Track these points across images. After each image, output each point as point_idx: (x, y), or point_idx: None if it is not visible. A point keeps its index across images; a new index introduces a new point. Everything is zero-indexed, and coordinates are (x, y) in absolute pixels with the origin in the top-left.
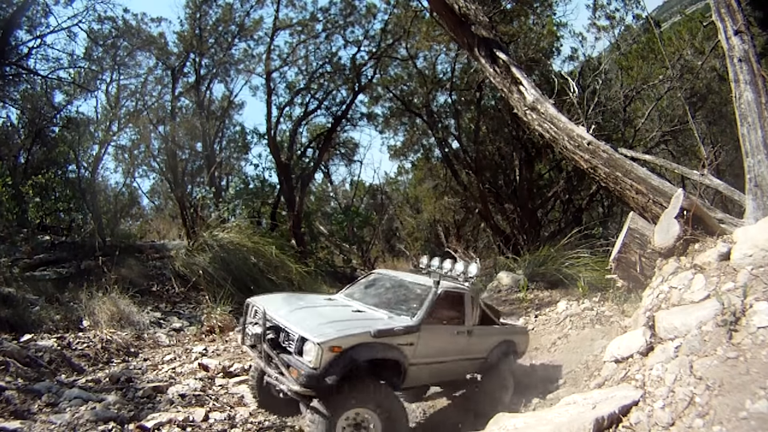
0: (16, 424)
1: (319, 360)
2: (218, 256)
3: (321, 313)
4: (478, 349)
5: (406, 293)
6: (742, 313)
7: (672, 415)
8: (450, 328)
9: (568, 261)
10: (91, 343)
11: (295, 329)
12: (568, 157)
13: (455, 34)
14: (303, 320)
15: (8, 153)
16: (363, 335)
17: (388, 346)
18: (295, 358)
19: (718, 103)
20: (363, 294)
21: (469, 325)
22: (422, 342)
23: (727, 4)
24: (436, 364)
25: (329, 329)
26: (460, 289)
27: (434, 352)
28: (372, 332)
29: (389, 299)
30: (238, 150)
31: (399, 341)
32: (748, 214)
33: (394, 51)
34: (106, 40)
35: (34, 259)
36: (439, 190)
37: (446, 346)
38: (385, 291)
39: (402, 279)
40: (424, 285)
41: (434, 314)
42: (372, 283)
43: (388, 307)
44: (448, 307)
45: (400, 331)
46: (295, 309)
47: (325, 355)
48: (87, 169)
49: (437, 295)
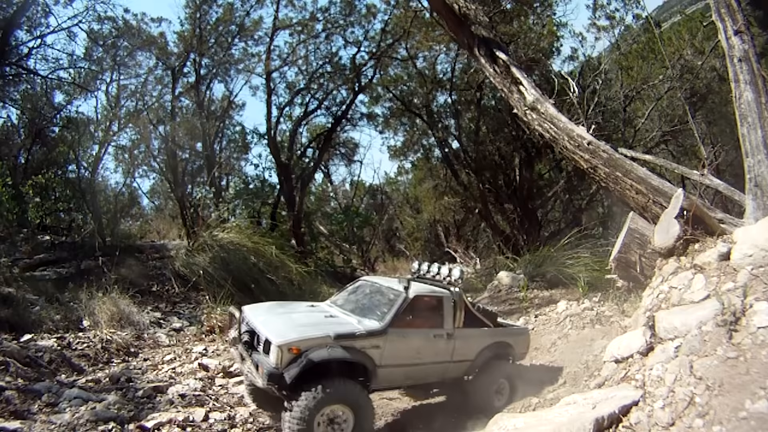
0: (16, 424)
1: (279, 359)
2: (218, 256)
3: (292, 319)
4: (463, 351)
5: (380, 298)
6: (742, 313)
7: (672, 415)
8: (425, 332)
9: (568, 261)
10: (91, 343)
11: (263, 332)
12: (568, 157)
13: (455, 34)
14: (273, 324)
15: (8, 153)
16: (322, 338)
17: (350, 349)
18: (264, 357)
19: (718, 103)
20: (345, 300)
21: (448, 328)
22: (390, 345)
23: (727, 4)
24: (410, 366)
25: (292, 333)
26: (438, 293)
27: (406, 355)
28: (332, 335)
29: (364, 305)
30: (238, 150)
31: (362, 344)
32: (748, 214)
33: (394, 51)
34: (106, 41)
35: (34, 259)
36: (439, 190)
37: (421, 349)
38: (363, 297)
39: (380, 285)
40: (398, 290)
41: (406, 318)
42: (355, 290)
43: (361, 313)
44: (424, 311)
45: (361, 335)
46: (272, 315)
47: (285, 356)
48: (87, 169)
49: (406, 300)
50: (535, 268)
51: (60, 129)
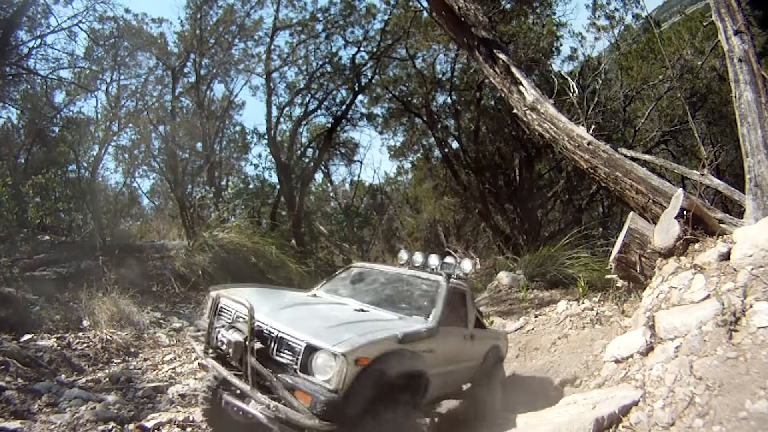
0: (16, 424)
1: (342, 378)
2: (218, 256)
3: (321, 313)
4: (476, 355)
5: (409, 289)
6: (742, 313)
7: (672, 415)
8: (460, 331)
9: (568, 261)
10: (91, 343)
11: (298, 335)
12: (568, 157)
13: (455, 34)
14: (301, 321)
15: (8, 153)
16: (389, 341)
17: (415, 355)
18: (302, 376)
19: (718, 103)
20: (352, 290)
21: (470, 327)
22: (440, 347)
23: (727, 4)
24: (447, 373)
25: (348, 334)
26: (462, 287)
27: (448, 360)
28: (399, 336)
29: (390, 296)
30: (238, 150)
31: (422, 347)
32: (748, 214)
33: (394, 51)
34: (107, 41)
35: (34, 259)
36: (439, 190)
37: (457, 351)
38: (381, 287)
39: (398, 273)
40: (430, 280)
41: (447, 314)
42: (359, 278)
43: (392, 307)
44: (455, 307)
45: (424, 335)
46: (281, 306)
47: (350, 371)
48: (87, 169)
49: (450, 292)
50: (535, 268)
51: (60, 129)
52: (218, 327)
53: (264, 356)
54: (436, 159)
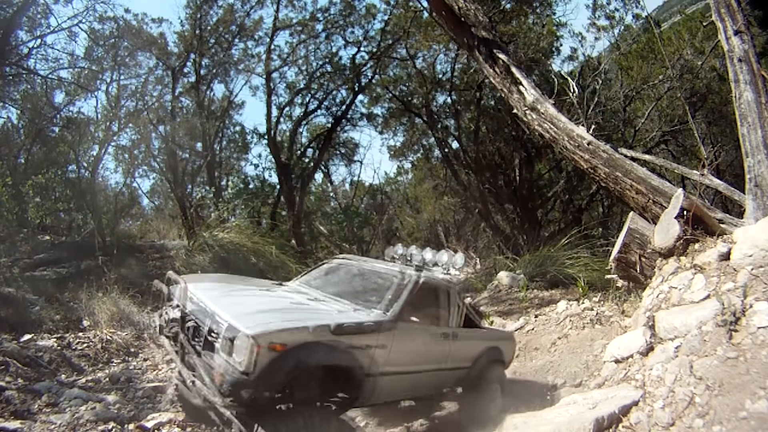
0: (16, 424)
1: (252, 361)
2: (218, 256)
3: (263, 299)
4: (463, 356)
5: (378, 281)
6: (742, 313)
7: (672, 415)
8: (432, 330)
9: (568, 261)
10: (91, 343)
11: (223, 315)
12: (568, 157)
13: (455, 34)
14: (236, 304)
15: (8, 153)
16: (318, 330)
17: (353, 349)
18: (222, 356)
19: (718, 103)
20: (323, 282)
21: (453, 326)
22: (397, 344)
23: (727, 4)
24: (413, 374)
25: (270, 319)
26: (444, 283)
27: (412, 358)
28: (331, 327)
29: (355, 288)
30: (238, 150)
31: (368, 342)
32: (748, 214)
33: (394, 51)
34: (107, 41)
35: (34, 259)
36: (439, 190)
37: (426, 350)
38: (351, 278)
39: (373, 265)
40: (402, 273)
41: (413, 309)
42: (335, 269)
43: (354, 298)
44: (430, 303)
45: (369, 328)
46: (231, 291)
47: (263, 354)
48: (87, 169)
49: (418, 285)
50: (535, 268)
51: (60, 129)
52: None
53: (197, 335)
54: (436, 159)
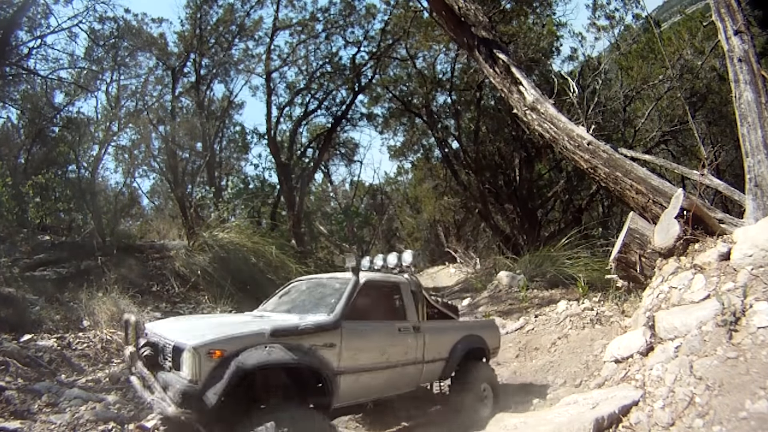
0: (16, 424)
1: (196, 370)
2: (218, 256)
3: (209, 321)
4: (435, 348)
5: (323, 291)
6: (742, 313)
7: (672, 415)
8: (388, 325)
9: (568, 261)
10: (91, 343)
11: (170, 337)
12: (568, 157)
13: (455, 34)
14: (181, 328)
15: (8, 153)
16: (254, 335)
17: (295, 349)
18: (174, 374)
19: (718, 103)
20: (276, 304)
21: (413, 320)
22: (348, 342)
23: (727, 4)
24: (378, 370)
25: (209, 332)
26: (393, 280)
27: (371, 355)
28: (268, 331)
29: (304, 301)
30: (238, 150)
31: (313, 342)
32: (748, 214)
33: (394, 51)
34: (107, 41)
35: (34, 259)
36: (439, 190)
37: (387, 345)
38: (299, 294)
39: (319, 278)
40: (344, 278)
41: (361, 309)
42: (287, 291)
43: (302, 310)
44: (382, 301)
45: (308, 329)
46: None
47: (204, 363)
48: (87, 169)
49: (357, 285)
50: (535, 268)
51: (60, 129)
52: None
53: (154, 362)
54: (436, 159)
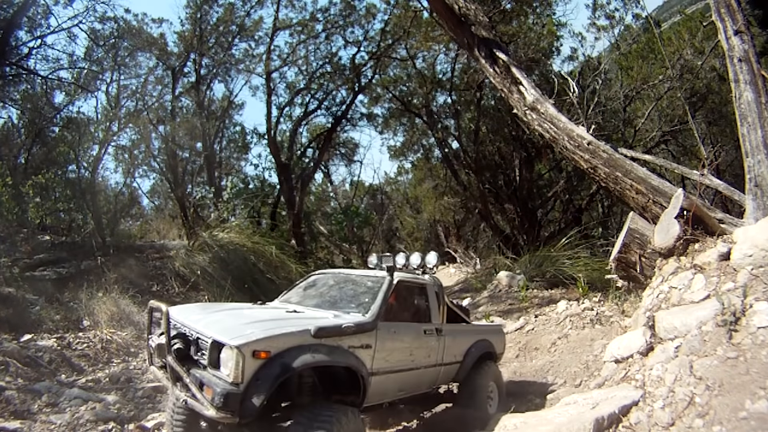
0: (16, 424)
1: (239, 371)
2: (218, 256)
3: (244, 314)
4: (452, 351)
5: (354, 288)
6: (742, 313)
7: (672, 415)
8: (415, 326)
9: (568, 261)
10: (91, 343)
11: (207, 332)
12: (568, 157)
13: (455, 34)
14: (218, 322)
15: (8, 153)
16: (299, 335)
17: (337, 350)
18: (210, 372)
19: (718, 103)
20: (302, 297)
21: (436, 322)
22: (382, 343)
23: (727, 3)
24: (404, 371)
25: (253, 329)
26: (421, 281)
27: (400, 357)
28: (312, 330)
29: (334, 297)
30: (238, 150)
31: (351, 343)
32: (748, 214)
33: (394, 51)
34: (107, 41)
35: (34, 259)
36: (439, 190)
37: (414, 348)
38: (328, 289)
39: (348, 274)
40: (376, 276)
41: (393, 309)
42: (312, 284)
43: (333, 306)
44: (410, 302)
45: (350, 329)
46: (212, 312)
47: (248, 364)
48: (87, 169)
49: (391, 285)
50: (535, 268)
51: (60, 129)
52: (152, 335)
53: (184, 356)
54: (436, 159)
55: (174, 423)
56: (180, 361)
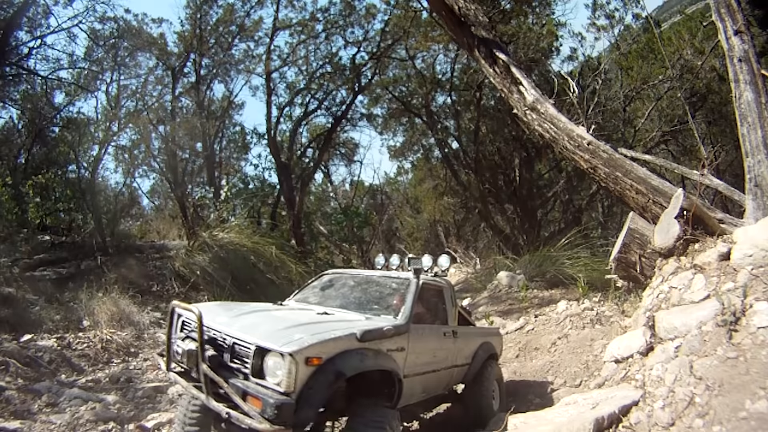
0: (16, 424)
1: (293, 379)
2: (218, 256)
3: (278, 317)
4: (464, 353)
5: (379, 290)
6: (742, 313)
7: (672, 415)
8: (437, 329)
9: (567, 261)
10: (91, 343)
11: (248, 338)
12: (568, 157)
13: (455, 34)
14: (256, 326)
15: (8, 153)
16: (346, 339)
17: (380, 354)
18: (254, 381)
19: (718, 103)
20: (321, 297)
21: (453, 324)
22: (413, 345)
23: (727, 4)
24: (428, 373)
25: (299, 334)
26: (439, 283)
27: (426, 359)
28: (358, 334)
29: (359, 299)
30: (238, 150)
31: (389, 346)
32: (748, 214)
33: (394, 51)
34: (107, 41)
35: (34, 259)
36: (439, 190)
37: (437, 350)
38: (350, 290)
39: (368, 274)
40: (400, 278)
41: (419, 312)
42: (329, 284)
43: (361, 308)
44: (432, 304)
45: (390, 332)
46: (239, 314)
47: (301, 371)
48: (87, 169)
49: (419, 288)
50: (535, 268)
51: (60, 129)
52: (176, 339)
53: (218, 363)
54: (436, 159)
55: (187, 422)
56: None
